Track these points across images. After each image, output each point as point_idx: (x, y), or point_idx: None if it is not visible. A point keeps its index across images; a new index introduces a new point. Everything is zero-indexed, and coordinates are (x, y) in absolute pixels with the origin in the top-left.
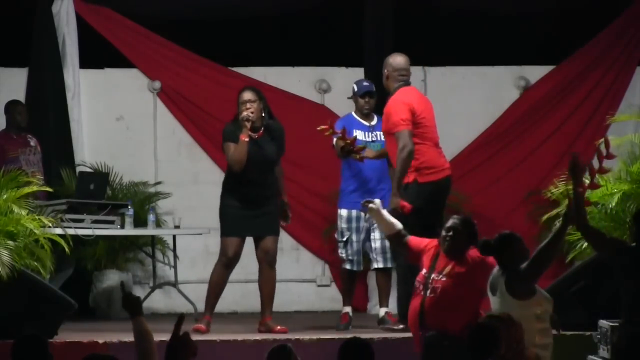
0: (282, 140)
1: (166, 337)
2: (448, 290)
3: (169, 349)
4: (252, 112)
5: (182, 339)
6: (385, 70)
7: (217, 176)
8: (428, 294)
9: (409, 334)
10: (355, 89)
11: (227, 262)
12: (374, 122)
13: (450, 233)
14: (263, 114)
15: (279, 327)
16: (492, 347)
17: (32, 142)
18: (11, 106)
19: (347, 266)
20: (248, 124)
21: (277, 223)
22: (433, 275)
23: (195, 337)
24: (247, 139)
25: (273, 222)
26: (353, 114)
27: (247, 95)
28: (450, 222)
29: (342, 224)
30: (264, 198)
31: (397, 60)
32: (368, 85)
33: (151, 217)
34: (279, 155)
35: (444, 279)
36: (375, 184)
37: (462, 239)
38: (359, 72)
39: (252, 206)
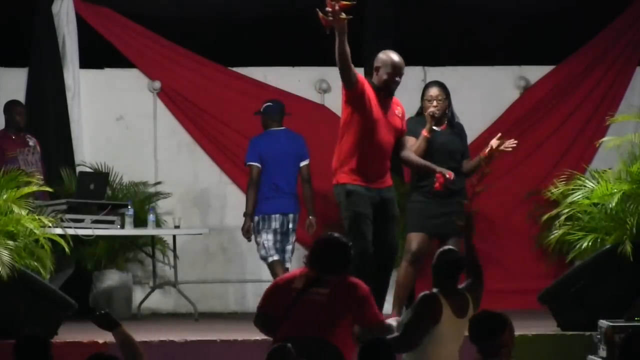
0: (465, 139)
1: (166, 337)
2: None
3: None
4: (438, 110)
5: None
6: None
7: (217, 176)
8: None
9: None
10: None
11: (411, 259)
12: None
13: None
14: (447, 111)
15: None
16: (495, 334)
17: (31, 142)
18: (11, 106)
19: None
20: (432, 120)
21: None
22: None
23: (194, 337)
24: (428, 135)
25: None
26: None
27: (435, 91)
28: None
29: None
30: (450, 192)
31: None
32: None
33: (151, 217)
34: (464, 153)
35: None
36: None
37: None
38: (359, 72)
39: (438, 202)
